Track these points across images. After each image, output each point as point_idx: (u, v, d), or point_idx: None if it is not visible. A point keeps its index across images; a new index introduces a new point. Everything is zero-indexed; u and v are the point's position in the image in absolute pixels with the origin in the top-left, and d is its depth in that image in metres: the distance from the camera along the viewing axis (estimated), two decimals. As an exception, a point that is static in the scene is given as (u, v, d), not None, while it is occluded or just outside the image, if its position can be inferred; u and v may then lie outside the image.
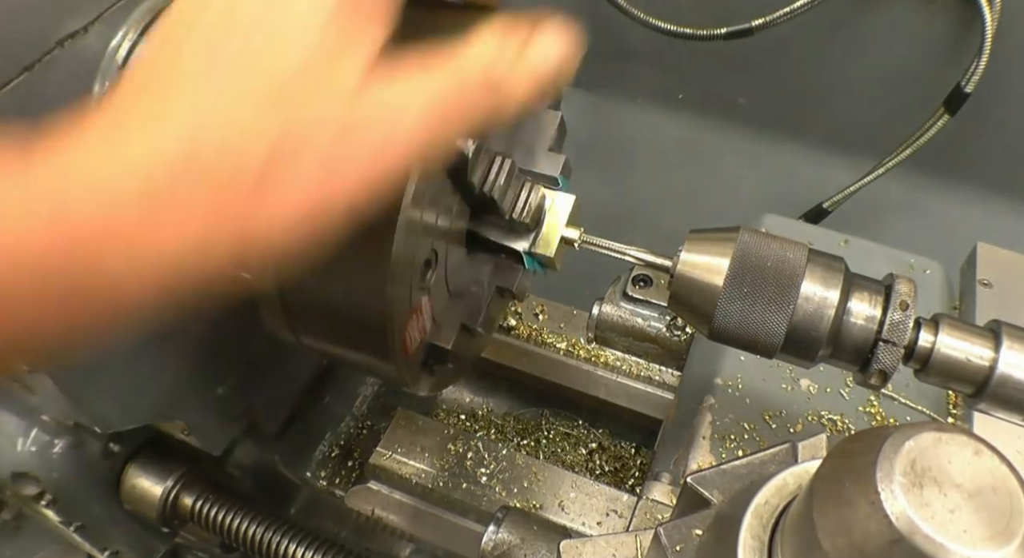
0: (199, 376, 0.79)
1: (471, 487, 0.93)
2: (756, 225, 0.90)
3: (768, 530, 0.42)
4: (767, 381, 0.78)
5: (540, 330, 1.06)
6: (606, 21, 1.36)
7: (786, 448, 0.49)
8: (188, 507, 0.90)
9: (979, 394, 0.51)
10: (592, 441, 1.08)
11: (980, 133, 1.30)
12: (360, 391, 1.07)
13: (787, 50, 1.33)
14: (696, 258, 0.54)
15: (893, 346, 0.51)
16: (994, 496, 0.34)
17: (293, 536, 0.88)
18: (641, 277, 0.95)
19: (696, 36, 1.25)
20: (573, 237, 0.59)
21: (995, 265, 0.84)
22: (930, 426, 0.35)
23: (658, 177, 1.55)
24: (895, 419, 0.75)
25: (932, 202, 1.40)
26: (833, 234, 0.90)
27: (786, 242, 0.53)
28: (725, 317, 0.52)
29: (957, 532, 0.32)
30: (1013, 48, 1.18)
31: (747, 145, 1.48)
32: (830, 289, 0.51)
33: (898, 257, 0.87)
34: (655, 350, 0.96)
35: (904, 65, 1.30)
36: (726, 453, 0.72)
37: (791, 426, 0.75)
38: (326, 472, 1.01)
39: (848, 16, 1.27)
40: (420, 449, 0.95)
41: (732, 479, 0.48)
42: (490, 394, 1.13)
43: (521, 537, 0.75)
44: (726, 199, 1.49)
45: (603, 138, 1.54)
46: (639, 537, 0.57)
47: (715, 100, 1.47)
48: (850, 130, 1.40)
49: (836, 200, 1.32)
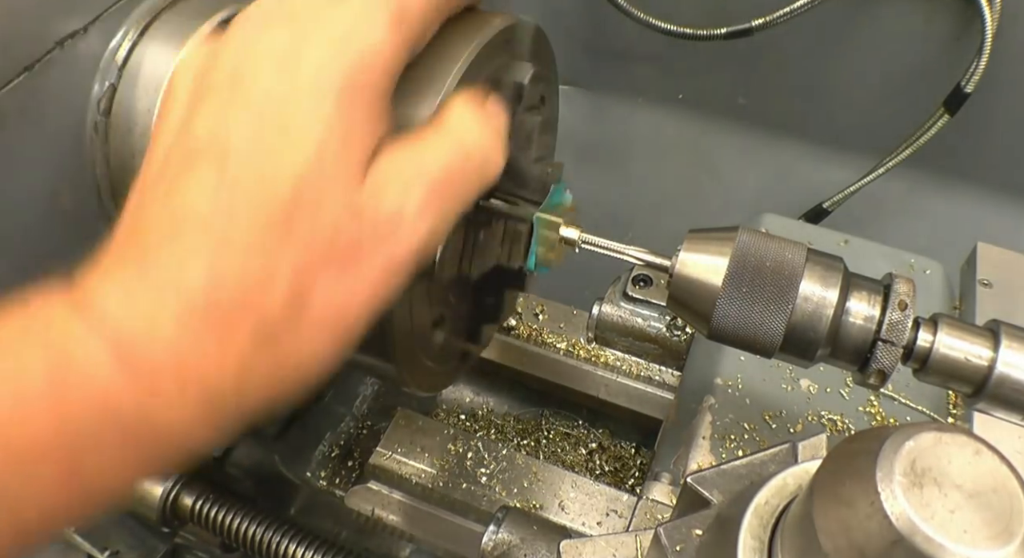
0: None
1: (471, 487, 0.93)
2: (756, 225, 0.90)
3: (768, 530, 0.42)
4: (767, 381, 0.78)
5: (540, 330, 1.06)
6: (606, 21, 1.36)
7: (786, 448, 0.49)
8: (188, 507, 0.90)
9: (978, 394, 0.51)
10: (592, 441, 1.08)
11: (980, 133, 1.30)
12: (360, 391, 1.07)
13: (787, 50, 1.33)
14: (695, 258, 0.54)
15: (892, 346, 0.51)
16: (994, 496, 0.34)
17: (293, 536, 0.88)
18: (641, 277, 0.95)
19: (696, 36, 1.25)
20: (573, 237, 0.59)
21: (995, 265, 0.83)
22: (930, 426, 0.35)
23: (658, 177, 1.55)
24: (895, 419, 0.75)
25: (932, 202, 1.39)
26: (833, 234, 0.90)
27: (785, 242, 0.53)
28: (724, 317, 0.52)
29: (957, 532, 0.32)
30: (1013, 48, 1.18)
31: (747, 145, 1.48)
32: (829, 289, 0.51)
33: (898, 257, 0.87)
34: (655, 350, 0.96)
35: (904, 65, 1.29)
36: (726, 453, 0.72)
37: (791, 426, 0.75)
38: (326, 472, 1.01)
39: (848, 16, 1.27)
40: (420, 449, 0.95)
41: (732, 479, 0.48)
42: (490, 394, 1.13)
43: (521, 537, 0.75)
44: (726, 199, 1.49)
45: (603, 138, 1.54)
46: (639, 537, 0.57)
47: (715, 100, 1.47)
48: (850, 130, 1.39)
49: (836, 200, 1.32)
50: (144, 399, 0.37)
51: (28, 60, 0.53)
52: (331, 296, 0.40)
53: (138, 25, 0.59)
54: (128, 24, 0.59)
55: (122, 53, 0.58)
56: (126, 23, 0.58)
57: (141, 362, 0.37)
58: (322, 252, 0.39)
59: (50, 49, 0.54)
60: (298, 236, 0.39)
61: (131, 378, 0.37)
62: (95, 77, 0.58)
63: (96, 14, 0.57)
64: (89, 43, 0.57)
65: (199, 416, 0.38)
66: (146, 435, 0.37)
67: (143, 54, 0.59)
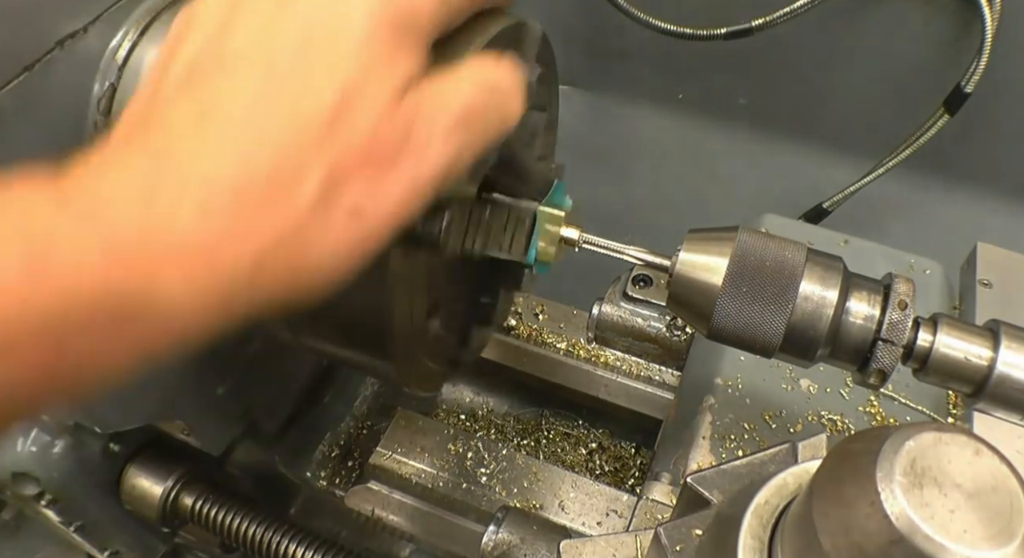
0: (199, 376, 0.79)
1: (471, 487, 0.93)
2: (756, 225, 0.90)
3: (768, 530, 0.42)
4: (767, 381, 0.78)
5: (540, 330, 1.06)
6: (606, 21, 1.36)
7: (786, 448, 0.49)
8: (188, 507, 0.90)
9: (978, 393, 0.51)
10: (592, 441, 1.09)
11: (980, 133, 1.30)
12: (360, 391, 1.08)
13: (787, 50, 1.33)
14: (695, 258, 0.54)
15: (892, 345, 0.51)
16: (994, 496, 0.34)
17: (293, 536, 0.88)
18: (641, 277, 0.95)
19: (696, 36, 1.25)
20: (573, 237, 0.59)
21: (995, 265, 0.83)
22: (930, 426, 0.35)
23: (658, 177, 1.55)
24: (895, 419, 0.75)
25: (932, 202, 1.40)
26: (833, 234, 0.90)
27: (785, 242, 0.53)
28: (724, 317, 0.52)
29: (957, 532, 0.32)
30: (1013, 48, 1.18)
31: (747, 145, 1.48)
32: (829, 289, 0.51)
33: (898, 257, 0.87)
34: (655, 350, 0.96)
35: (904, 65, 1.29)
36: (726, 453, 0.72)
37: (791, 426, 0.75)
38: (326, 472, 1.01)
39: (848, 16, 1.27)
40: (420, 449, 0.95)
41: (732, 479, 0.48)
42: (490, 394, 1.13)
43: (521, 537, 0.75)
44: (726, 199, 1.49)
45: (603, 138, 1.54)
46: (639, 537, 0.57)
47: (715, 100, 1.47)
48: (850, 130, 1.39)
49: (836, 200, 1.32)
50: (141, 286, 0.36)
51: (28, 60, 0.53)
52: (359, 199, 0.41)
53: (138, 25, 0.59)
54: (128, 24, 0.59)
55: (122, 53, 0.58)
56: (126, 23, 0.59)
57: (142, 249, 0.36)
58: (358, 156, 0.41)
59: (50, 49, 0.54)
60: (337, 138, 0.40)
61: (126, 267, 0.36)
62: (95, 77, 0.58)
63: (96, 14, 0.57)
64: (89, 43, 0.57)
65: (206, 305, 0.38)
66: (141, 321, 0.37)
67: (143, 54, 0.59)
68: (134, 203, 0.37)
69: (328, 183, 0.40)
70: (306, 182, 0.39)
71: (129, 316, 0.37)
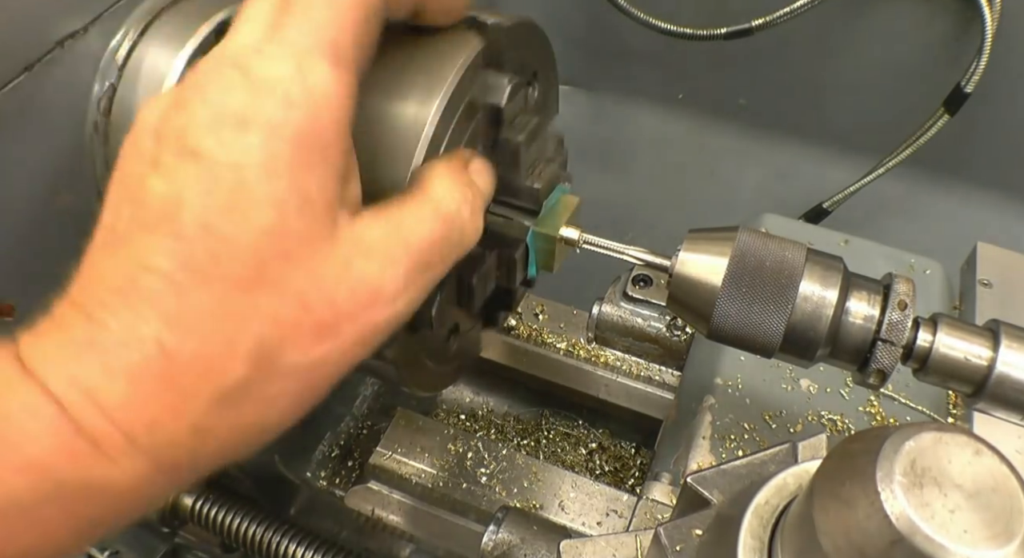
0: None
1: (471, 487, 0.93)
2: (756, 225, 0.90)
3: (768, 530, 0.42)
4: (767, 381, 0.78)
5: (540, 330, 1.06)
6: (606, 21, 1.36)
7: (786, 448, 0.49)
8: (188, 507, 0.90)
9: (978, 393, 0.51)
10: (592, 441, 1.08)
11: (980, 133, 1.30)
12: (360, 391, 1.07)
13: (787, 50, 1.33)
14: (695, 258, 0.54)
15: (891, 345, 0.51)
16: (994, 496, 0.34)
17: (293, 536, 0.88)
18: (641, 277, 0.95)
19: (696, 36, 1.25)
20: (573, 237, 0.59)
21: (995, 265, 0.83)
22: (930, 426, 0.35)
23: (658, 177, 1.55)
24: (895, 419, 0.75)
25: (932, 202, 1.40)
26: (833, 234, 0.90)
27: (785, 242, 0.53)
28: (723, 317, 0.52)
29: (957, 532, 0.32)
30: (1013, 48, 1.18)
31: (747, 145, 1.48)
32: (828, 289, 0.51)
33: (898, 257, 0.87)
34: (655, 350, 0.96)
35: (904, 65, 1.30)
36: (726, 453, 0.72)
37: (791, 426, 0.75)
38: (326, 472, 1.01)
39: (848, 16, 1.27)
40: (420, 449, 0.95)
41: (732, 479, 0.48)
42: (490, 394, 1.13)
43: (521, 537, 0.75)
44: (726, 199, 1.49)
45: (603, 138, 1.54)
46: (639, 537, 0.57)
47: (715, 100, 1.47)
48: (850, 130, 1.40)
49: (836, 200, 1.32)
50: (87, 462, 0.36)
51: (28, 60, 0.53)
52: (299, 362, 0.39)
53: (138, 25, 0.59)
54: (128, 24, 0.59)
55: (122, 53, 0.58)
56: (126, 23, 0.59)
57: (85, 424, 0.36)
58: (290, 322, 0.38)
59: (50, 49, 0.54)
60: (263, 305, 0.38)
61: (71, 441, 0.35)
62: (95, 77, 0.58)
63: (96, 14, 0.57)
64: (89, 43, 0.57)
65: (149, 477, 0.37)
66: (87, 498, 0.36)
67: (143, 54, 0.59)
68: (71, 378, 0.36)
69: (259, 355, 0.38)
70: (236, 354, 0.37)
71: (73, 494, 0.36)
